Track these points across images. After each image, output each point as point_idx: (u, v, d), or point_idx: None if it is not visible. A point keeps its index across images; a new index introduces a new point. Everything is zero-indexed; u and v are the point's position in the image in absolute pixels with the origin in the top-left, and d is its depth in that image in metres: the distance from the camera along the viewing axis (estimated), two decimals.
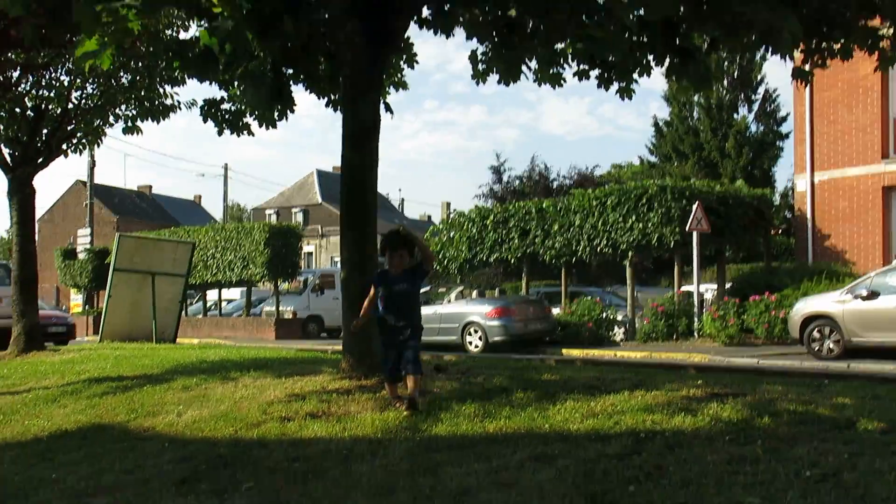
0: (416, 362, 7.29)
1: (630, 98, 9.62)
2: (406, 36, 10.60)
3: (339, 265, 10.91)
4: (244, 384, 9.41)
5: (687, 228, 20.11)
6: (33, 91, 15.51)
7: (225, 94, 10.85)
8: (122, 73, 15.24)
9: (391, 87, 11.85)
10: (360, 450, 6.20)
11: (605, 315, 21.52)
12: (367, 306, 7.68)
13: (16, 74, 14.97)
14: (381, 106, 9.72)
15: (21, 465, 7.06)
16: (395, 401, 7.43)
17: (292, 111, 10.56)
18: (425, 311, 21.61)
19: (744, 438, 5.75)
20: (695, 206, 20.07)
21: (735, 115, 44.49)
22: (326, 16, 9.18)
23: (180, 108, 15.45)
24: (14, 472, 6.84)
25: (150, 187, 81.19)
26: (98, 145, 16.59)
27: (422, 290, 23.30)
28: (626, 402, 7.10)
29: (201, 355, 13.89)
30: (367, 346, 8.98)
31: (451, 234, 26.56)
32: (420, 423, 6.79)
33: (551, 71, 9.33)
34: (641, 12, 7.42)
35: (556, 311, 22.64)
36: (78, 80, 15.52)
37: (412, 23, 9.29)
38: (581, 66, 9.28)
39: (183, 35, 13.38)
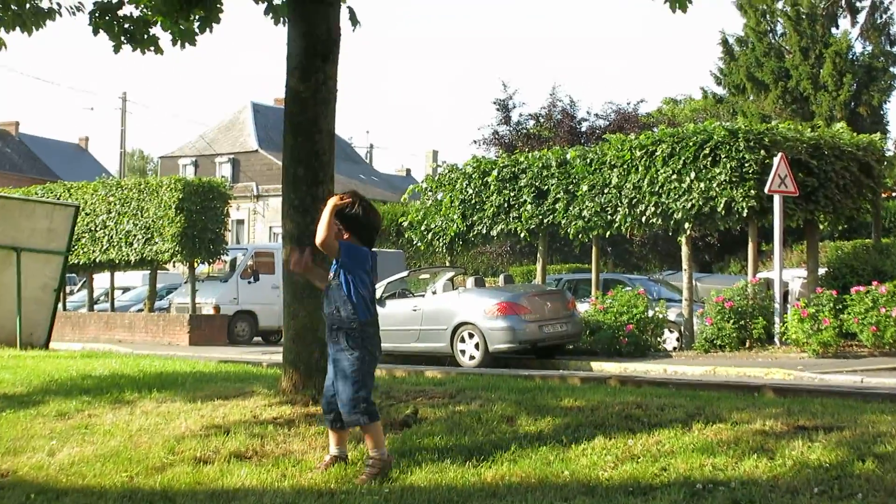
0: (351, 404, 7.05)
1: (685, 10, 9.61)
2: None
3: (280, 240, 10.93)
4: (144, 410, 9.40)
5: (766, 190, 20.08)
6: None
7: None
8: None
9: None
10: None
11: (651, 313, 21.54)
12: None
13: None
14: (343, 12, 9.68)
15: None
16: (329, 459, 7.24)
17: (217, 21, 10.49)
18: (400, 306, 21.70)
19: (839, 490, 5.79)
20: (777, 159, 20.02)
21: (834, 31, 44.48)
22: None
23: (61, 14, 15.29)
24: None
25: (17, 125, 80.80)
26: None
27: (400, 276, 23.37)
28: (678, 439, 7.12)
29: (84, 368, 13.86)
30: (318, 356, 9.00)
31: (439, 197, 26.50)
32: (389, 470, 6.81)
33: None
34: None
35: (583, 307, 22.65)
36: None
37: None
38: None
39: None
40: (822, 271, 22.54)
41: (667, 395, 9.71)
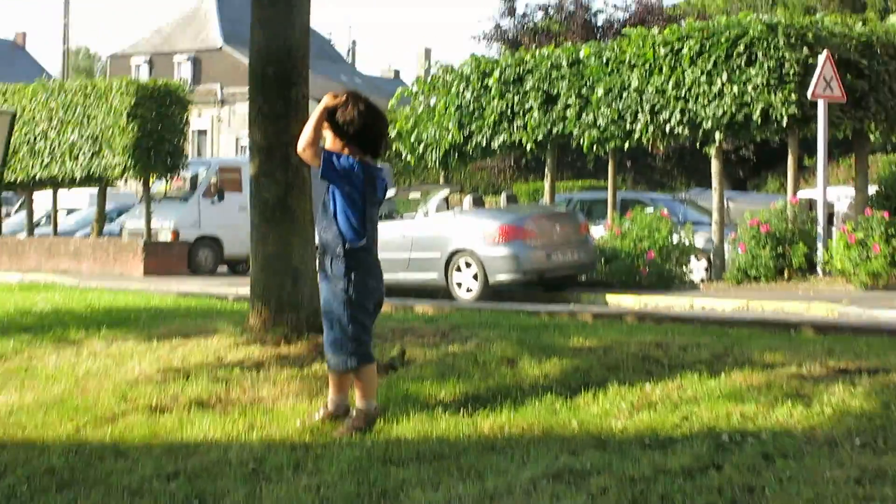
0: (337, 342, 7.07)
1: None
2: None
3: (248, 153, 10.91)
4: (92, 351, 9.44)
5: (809, 95, 20.01)
6: None
7: None
8: None
9: None
10: (277, 461, 6.29)
11: (675, 239, 21.55)
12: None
13: None
14: None
15: None
16: (323, 412, 7.25)
17: None
18: (386, 230, 21.63)
19: (884, 442, 5.84)
20: (821, 59, 19.92)
21: None
22: None
23: None
24: None
25: None
26: None
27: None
28: (702, 384, 7.18)
29: (24, 302, 13.92)
30: (290, 289, 9.05)
31: (432, 102, 26.39)
32: (374, 424, 6.86)
33: None
34: None
35: (597, 231, 22.67)
36: None
37: None
38: None
39: None
40: (872, 189, 22.48)
41: (691, 333, 9.76)
